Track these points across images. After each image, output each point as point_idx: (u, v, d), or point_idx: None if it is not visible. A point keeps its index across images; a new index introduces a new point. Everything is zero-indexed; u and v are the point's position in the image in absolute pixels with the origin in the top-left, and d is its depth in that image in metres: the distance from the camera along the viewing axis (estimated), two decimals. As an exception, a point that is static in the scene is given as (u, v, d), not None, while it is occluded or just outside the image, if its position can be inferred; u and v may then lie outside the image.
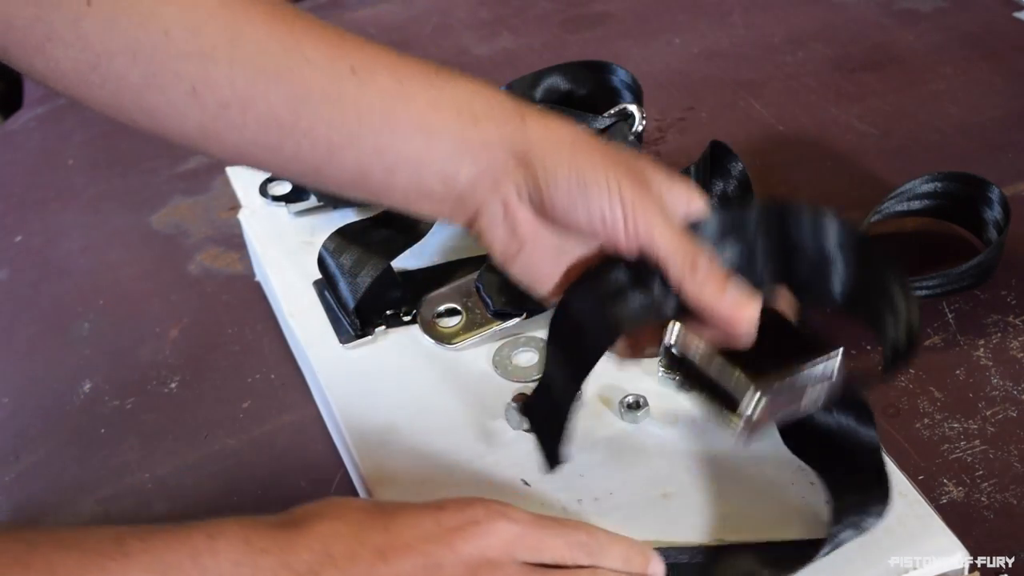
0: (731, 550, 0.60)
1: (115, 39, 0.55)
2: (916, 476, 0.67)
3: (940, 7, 1.12)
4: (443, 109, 0.58)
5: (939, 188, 0.83)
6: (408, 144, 0.58)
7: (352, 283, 0.75)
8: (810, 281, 0.60)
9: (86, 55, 0.56)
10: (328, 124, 0.58)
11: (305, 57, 0.57)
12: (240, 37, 0.57)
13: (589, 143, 0.58)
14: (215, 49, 0.56)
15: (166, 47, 0.56)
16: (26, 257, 0.95)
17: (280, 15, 0.58)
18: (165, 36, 0.56)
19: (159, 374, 0.81)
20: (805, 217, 0.60)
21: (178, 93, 0.57)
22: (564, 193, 0.57)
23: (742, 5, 1.15)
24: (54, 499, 0.74)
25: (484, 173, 0.58)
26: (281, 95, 0.57)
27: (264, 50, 0.57)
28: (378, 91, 0.58)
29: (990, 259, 0.80)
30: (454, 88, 0.59)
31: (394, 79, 0.58)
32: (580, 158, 0.57)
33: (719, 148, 0.81)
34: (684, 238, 0.57)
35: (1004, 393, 0.73)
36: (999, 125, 0.97)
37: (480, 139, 0.58)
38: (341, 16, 1.20)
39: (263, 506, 0.71)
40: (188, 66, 0.56)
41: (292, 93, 0.57)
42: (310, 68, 0.57)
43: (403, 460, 0.68)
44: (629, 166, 0.58)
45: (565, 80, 0.88)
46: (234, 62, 0.56)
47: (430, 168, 0.58)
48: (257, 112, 0.57)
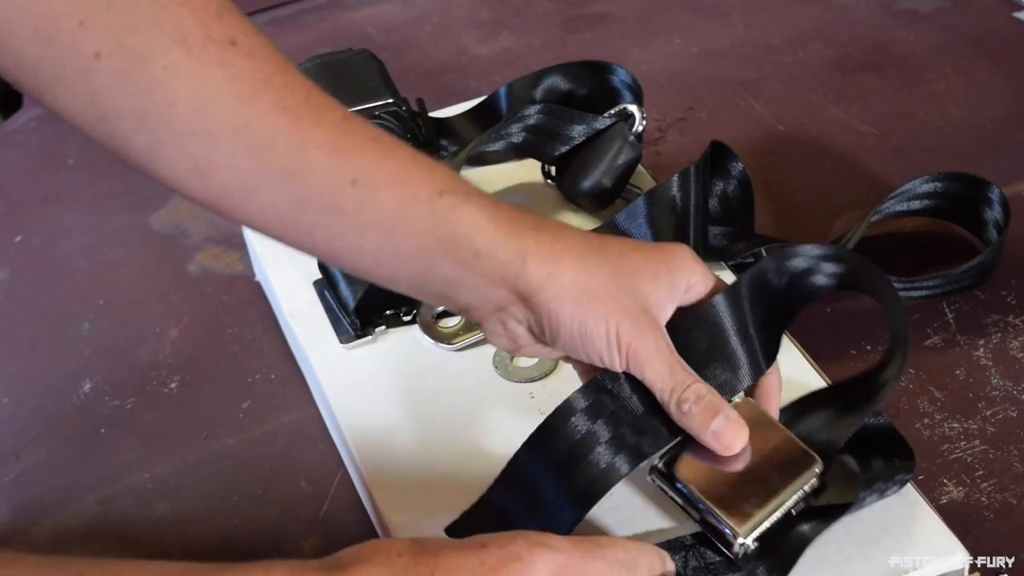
0: None
1: (123, 101, 0.54)
2: (916, 476, 0.67)
3: (940, 7, 1.12)
4: (445, 240, 0.57)
5: (939, 188, 0.83)
6: (407, 267, 0.58)
7: (352, 283, 0.75)
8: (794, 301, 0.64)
9: (93, 109, 0.54)
10: (328, 231, 0.57)
11: (308, 160, 0.56)
12: (245, 125, 0.55)
13: (592, 288, 0.58)
14: (220, 133, 0.55)
15: (172, 121, 0.55)
16: (26, 257, 0.95)
17: (287, 103, 0.56)
18: (171, 109, 0.54)
19: (159, 374, 0.81)
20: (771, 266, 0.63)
21: (182, 168, 0.56)
22: (566, 337, 0.59)
23: (742, 5, 1.15)
24: (54, 499, 0.74)
25: (484, 301, 0.59)
26: (282, 194, 0.56)
27: (268, 143, 0.55)
28: (378, 210, 0.57)
29: (990, 259, 0.80)
30: (457, 214, 0.57)
31: (396, 197, 0.57)
32: (582, 307, 0.58)
33: (719, 148, 0.81)
34: (674, 372, 0.59)
35: (1004, 393, 0.73)
36: (999, 125, 0.96)
37: (481, 275, 0.58)
38: (341, 16, 1.20)
39: (263, 506, 0.71)
40: (193, 144, 0.55)
41: (293, 195, 0.56)
42: (312, 173, 0.56)
43: (403, 460, 0.68)
44: (630, 302, 0.58)
45: (565, 80, 0.88)
46: (237, 151, 0.55)
47: (430, 288, 0.59)
48: (259, 203, 0.57)
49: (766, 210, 0.88)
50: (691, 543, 0.61)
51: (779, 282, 0.63)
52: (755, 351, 0.62)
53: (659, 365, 0.59)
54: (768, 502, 0.59)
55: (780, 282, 0.63)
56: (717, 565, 0.59)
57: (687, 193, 0.76)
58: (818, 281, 0.63)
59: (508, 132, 0.82)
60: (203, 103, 0.55)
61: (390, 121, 0.82)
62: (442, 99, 0.97)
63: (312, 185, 0.56)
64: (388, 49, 1.11)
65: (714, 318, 0.61)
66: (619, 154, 0.82)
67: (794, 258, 0.63)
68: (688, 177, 0.77)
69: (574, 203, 0.85)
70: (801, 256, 0.63)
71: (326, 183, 0.56)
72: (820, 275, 0.63)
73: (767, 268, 0.63)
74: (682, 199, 0.76)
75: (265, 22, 1.19)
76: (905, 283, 0.79)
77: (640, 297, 0.59)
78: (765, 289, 0.63)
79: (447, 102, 0.94)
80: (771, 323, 0.63)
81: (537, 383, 0.72)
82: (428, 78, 1.09)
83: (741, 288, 0.62)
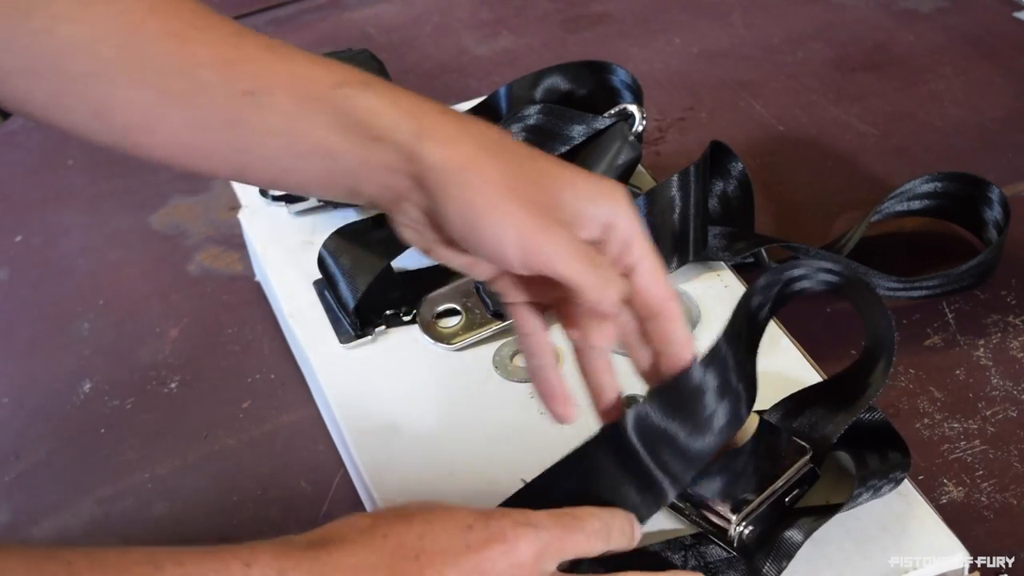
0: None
1: (13, 59, 0.54)
2: (916, 476, 0.67)
3: (940, 7, 1.12)
4: (344, 129, 0.56)
5: (939, 188, 0.83)
6: (314, 168, 0.57)
7: (352, 283, 0.75)
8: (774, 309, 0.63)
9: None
10: (232, 147, 0.57)
11: (200, 80, 0.55)
12: (136, 58, 0.55)
13: (486, 169, 0.54)
14: (113, 70, 0.55)
15: (64, 68, 0.55)
16: (26, 257, 0.95)
17: (173, 28, 0.56)
18: (62, 56, 0.54)
19: (159, 374, 0.81)
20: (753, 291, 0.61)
21: (83, 113, 0.56)
22: (457, 224, 0.55)
23: (742, 5, 1.15)
24: (54, 499, 0.74)
25: (386, 191, 0.57)
26: (182, 120, 0.56)
27: (160, 71, 0.55)
28: (277, 115, 0.56)
29: (990, 259, 0.80)
30: (353, 103, 0.56)
31: (292, 99, 0.56)
32: (473, 191, 0.54)
33: (719, 148, 0.81)
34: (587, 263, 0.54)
35: (1004, 393, 0.73)
36: (999, 125, 0.97)
37: (380, 161, 0.56)
38: (341, 16, 1.20)
39: (263, 506, 0.71)
40: (88, 87, 0.55)
41: (193, 118, 0.56)
42: (205, 92, 0.56)
43: (403, 460, 0.68)
44: (531, 190, 0.54)
45: (565, 80, 0.88)
46: (131, 85, 0.55)
47: (336, 187, 0.58)
48: (163, 134, 0.56)
49: (766, 210, 0.88)
50: (691, 543, 0.61)
51: (760, 308, 0.61)
52: (739, 399, 0.60)
53: (573, 261, 0.53)
54: (759, 489, 0.60)
55: (762, 307, 0.61)
56: (717, 564, 0.60)
57: (687, 193, 0.76)
58: (805, 285, 0.61)
59: (508, 132, 0.82)
60: (92, 43, 0.55)
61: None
62: (442, 99, 0.95)
63: (208, 104, 0.56)
64: (388, 49, 1.11)
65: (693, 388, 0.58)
66: (619, 154, 0.82)
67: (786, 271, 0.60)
68: (688, 177, 0.77)
69: (574, 203, 0.85)
70: (798, 268, 0.61)
71: (221, 99, 0.56)
72: (810, 281, 0.61)
73: (750, 302, 0.60)
74: (682, 199, 0.76)
75: (265, 22, 1.19)
76: (905, 283, 0.79)
77: (548, 195, 0.55)
78: (746, 326, 0.61)
79: (447, 102, 0.93)
80: (751, 354, 0.61)
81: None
82: (428, 78, 1.09)
83: (721, 346, 0.58)
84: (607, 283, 0.54)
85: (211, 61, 0.56)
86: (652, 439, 0.58)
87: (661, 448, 0.58)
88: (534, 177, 0.55)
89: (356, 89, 0.56)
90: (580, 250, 0.54)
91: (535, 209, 0.54)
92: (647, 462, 0.58)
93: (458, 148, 0.55)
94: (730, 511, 0.60)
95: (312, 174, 0.58)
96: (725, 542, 0.60)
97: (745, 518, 0.59)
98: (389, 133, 0.55)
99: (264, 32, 0.58)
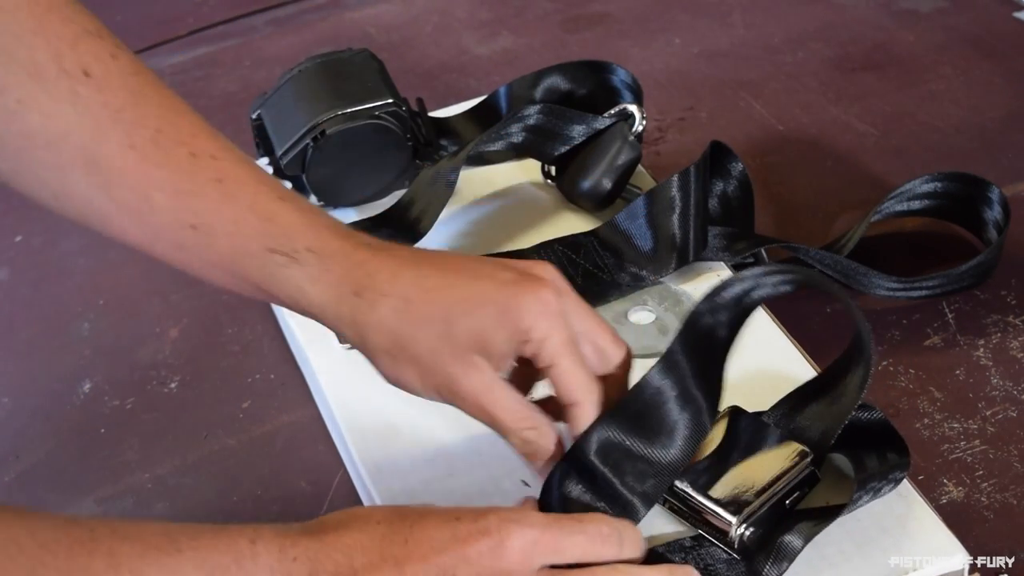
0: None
1: None
2: (916, 476, 0.67)
3: (940, 7, 1.11)
4: (275, 295, 0.61)
5: (939, 188, 0.83)
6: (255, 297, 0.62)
7: (352, 283, 0.75)
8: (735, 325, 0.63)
9: None
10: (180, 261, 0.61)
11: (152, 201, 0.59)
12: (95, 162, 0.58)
13: (411, 347, 0.59)
14: (72, 167, 0.58)
15: (29, 151, 0.58)
16: (26, 257, 0.95)
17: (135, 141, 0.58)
18: (27, 140, 0.57)
19: (159, 374, 0.81)
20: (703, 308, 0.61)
21: (42, 194, 0.60)
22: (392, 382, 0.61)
23: (742, 5, 1.15)
24: (54, 499, 0.74)
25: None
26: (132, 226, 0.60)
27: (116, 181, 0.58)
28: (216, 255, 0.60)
29: (990, 259, 0.80)
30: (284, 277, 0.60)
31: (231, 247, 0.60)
32: (399, 370, 0.60)
33: (719, 148, 0.81)
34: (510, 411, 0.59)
35: (1004, 393, 0.73)
36: (999, 125, 0.96)
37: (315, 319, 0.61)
38: (341, 16, 1.20)
39: (263, 506, 0.71)
40: (48, 175, 0.59)
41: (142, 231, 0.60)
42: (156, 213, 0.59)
43: (403, 460, 0.68)
44: (449, 357, 0.58)
45: (565, 80, 0.88)
46: (89, 185, 0.59)
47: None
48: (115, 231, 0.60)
49: (766, 210, 0.88)
50: (691, 545, 0.61)
51: (716, 319, 0.61)
52: (700, 410, 0.61)
53: (491, 409, 0.59)
54: (759, 491, 0.60)
55: (718, 319, 0.61)
56: (717, 566, 0.59)
57: (687, 193, 0.76)
58: (761, 293, 0.61)
59: (508, 132, 0.82)
60: (55, 138, 0.57)
61: (390, 121, 0.82)
62: (442, 99, 0.97)
63: (157, 224, 0.59)
64: (388, 49, 1.11)
65: (651, 396, 0.60)
66: (619, 154, 0.82)
67: (728, 288, 0.60)
68: (688, 177, 0.77)
69: (574, 203, 0.85)
70: (737, 282, 0.60)
71: (169, 223, 0.59)
72: (764, 288, 0.61)
73: (701, 313, 0.61)
74: (682, 199, 0.76)
75: (265, 22, 1.19)
76: (905, 283, 0.79)
77: (467, 348, 0.58)
78: (703, 337, 0.61)
79: (447, 102, 0.94)
80: (713, 367, 0.62)
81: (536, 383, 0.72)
82: (428, 78, 1.09)
83: (676, 354, 0.60)
84: (528, 442, 0.60)
85: (164, 186, 0.58)
86: (614, 458, 0.59)
87: (624, 466, 0.59)
88: (455, 331, 0.58)
89: (285, 260, 0.59)
90: (496, 416, 0.59)
91: (456, 370, 0.59)
92: (613, 481, 0.59)
93: (380, 329, 0.59)
94: (730, 513, 0.60)
95: (256, 299, 0.62)
96: (725, 544, 0.60)
97: (746, 520, 0.59)
98: (315, 312, 0.60)
99: (264, 32, 0.58)
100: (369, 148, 0.83)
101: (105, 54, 0.58)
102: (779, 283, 0.61)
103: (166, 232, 0.59)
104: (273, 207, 0.59)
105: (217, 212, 0.59)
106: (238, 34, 1.17)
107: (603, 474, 0.59)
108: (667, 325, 0.74)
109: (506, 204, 0.86)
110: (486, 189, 0.87)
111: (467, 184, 0.86)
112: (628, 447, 0.60)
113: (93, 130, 0.57)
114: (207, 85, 1.11)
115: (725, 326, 0.61)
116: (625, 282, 0.77)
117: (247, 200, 0.59)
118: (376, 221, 0.80)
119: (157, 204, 0.58)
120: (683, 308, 0.75)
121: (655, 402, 0.60)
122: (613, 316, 0.75)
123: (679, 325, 0.61)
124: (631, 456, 0.60)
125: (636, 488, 0.60)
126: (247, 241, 0.59)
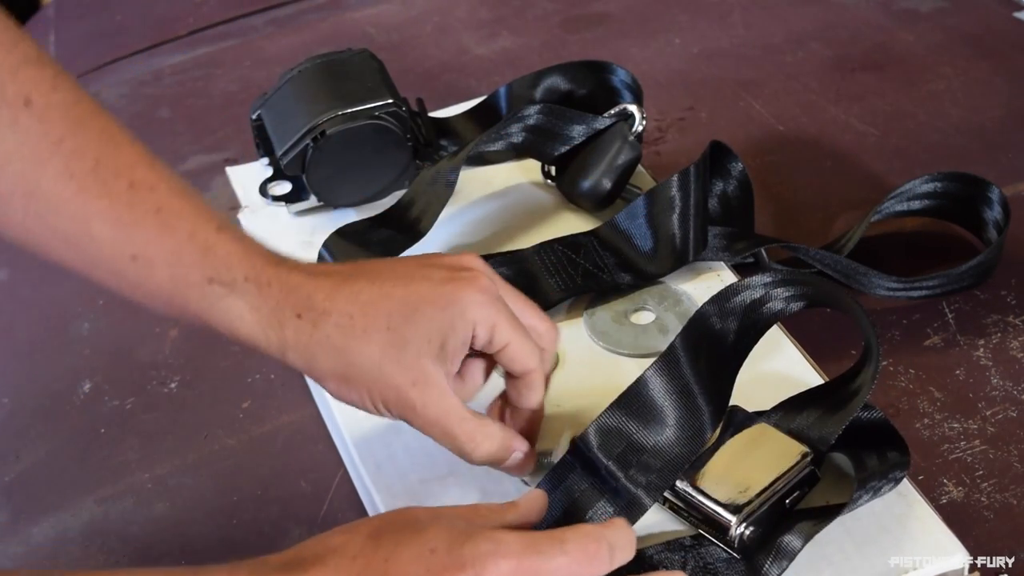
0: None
1: None
2: (916, 476, 0.67)
3: (940, 7, 1.11)
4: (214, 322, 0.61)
5: (939, 188, 0.83)
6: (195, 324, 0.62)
7: (352, 283, 0.75)
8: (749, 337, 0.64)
9: None
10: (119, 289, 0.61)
11: (91, 232, 0.59)
12: (34, 192, 0.58)
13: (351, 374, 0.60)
14: (12, 196, 0.58)
15: None
16: (26, 257, 0.94)
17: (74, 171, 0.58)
18: None
19: (159, 374, 0.81)
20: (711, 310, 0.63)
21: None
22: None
23: (742, 5, 1.15)
24: (54, 499, 0.74)
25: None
26: (72, 256, 0.60)
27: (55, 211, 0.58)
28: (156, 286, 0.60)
29: (990, 259, 0.80)
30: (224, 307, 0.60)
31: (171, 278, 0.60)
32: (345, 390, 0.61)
33: (719, 148, 0.81)
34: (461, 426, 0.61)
35: (1004, 393, 0.73)
36: (999, 125, 0.96)
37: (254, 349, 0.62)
38: (341, 16, 1.20)
39: (263, 506, 0.71)
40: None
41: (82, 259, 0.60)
42: (95, 244, 0.59)
43: (403, 460, 0.68)
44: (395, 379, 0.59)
45: (565, 80, 0.88)
46: (28, 214, 0.59)
47: None
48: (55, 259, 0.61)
49: (766, 210, 0.88)
50: (690, 544, 0.61)
51: (725, 325, 0.62)
52: (701, 409, 0.62)
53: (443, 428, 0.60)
54: (759, 490, 0.60)
55: (728, 325, 0.62)
56: (716, 565, 0.59)
57: (687, 193, 0.76)
58: (774, 308, 0.63)
59: (508, 132, 0.82)
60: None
61: (390, 121, 0.82)
62: (442, 99, 0.97)
63: (97, 254, 0.59)
64: (388, 49, 1.11)
65: (651, 389, 0.61)
66: (619, 154, 0.82)
67: (738, 294, 0.62)
68: (688, 177, 0.77)
69: (574, 203, 0.85)
70: (746, 289, 0.62)
71: (109, 254, 0.59)
72: (775, 301, 0.62)
73: (708, 314, 0.62)
74: (682, 199, 0.76)
75: (265, 22, 1.19)
76: (905, 283, 0.79)
77: (417, 354, 0.59)
78: (708, 339, 0.62)
79: (447, 102, 0.94)
80: (720, 371, 0.62)
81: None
82: (428, 78, 1.09)
83: (677, 350, 0.61)
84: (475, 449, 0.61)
85: (104, 217, 0.59)
86: (618, 451, 0.60)
87: (628, 458, 0.59)
88: (399, 339, 0.59)
89: (225, 290, 0.59)
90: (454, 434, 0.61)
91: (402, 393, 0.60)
92: (617, 474, 0.59)
93: (319, 357, 0.60)
94: (730, 512, 0.60)
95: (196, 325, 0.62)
96: (725, 543, 0.60)
97: (746, 519, 0.59)
98: (259, 342, 0.61)
99: (264, 32, 0.58)
100: (369, 148, 0.83)
101: (46, 83, 0.58)
102: (792, 298, 0.62)
103: (106, 262, 0.60)
104: (212, 238, 0.60)
105: (157, 243, 0.59)
106: (238, 34, 1.17)
107: (606, 467, 0.60)
108: (667, 325, 0.74)
109: (506, 204, 0.86)
110: (486, 189, 0.87)
111: (467, 184, 0.86)
112: (630, 437, 0.60)
113: (32, 159, 0.57)
114: (207, 85, 1.11)
115: (735, 333, 0.62)
116: (625, 282, 0.77)
117: (186, 231, 0.59)
118: (376, 221, 0.80)
119: (96, 234, 0.59)
120: (683, 308, 0.75)
121: (655, 395, 0.61)
122: (613, 316, 0.75)
123: (681, 324, 0.61)
124: (634, 447, 0.60)
125: (641, 480, 0.60)
126: (187, 272, 0.59)
